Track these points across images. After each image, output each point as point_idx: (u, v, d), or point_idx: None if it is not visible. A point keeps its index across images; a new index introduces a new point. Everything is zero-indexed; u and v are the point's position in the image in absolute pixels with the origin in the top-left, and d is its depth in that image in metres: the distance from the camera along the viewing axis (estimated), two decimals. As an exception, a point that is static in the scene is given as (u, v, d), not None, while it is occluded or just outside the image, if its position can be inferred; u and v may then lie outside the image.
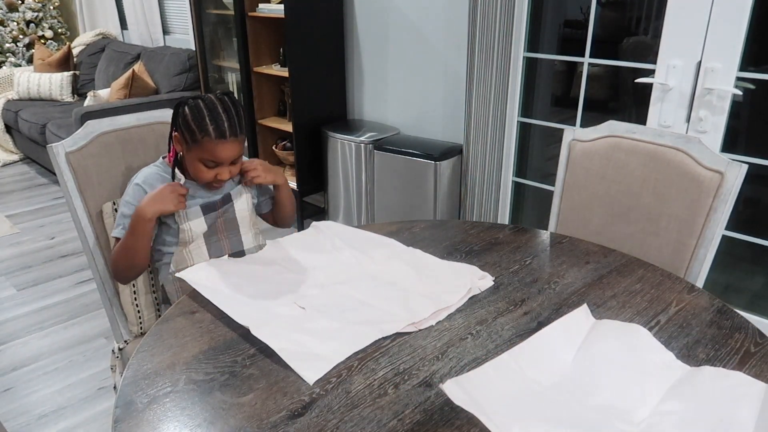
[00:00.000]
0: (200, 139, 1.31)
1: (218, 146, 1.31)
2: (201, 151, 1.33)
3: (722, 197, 1.33)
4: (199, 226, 1.41)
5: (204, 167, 1.35)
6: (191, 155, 1.35)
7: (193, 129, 1.31)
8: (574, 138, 1.60)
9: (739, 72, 1.85)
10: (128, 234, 1.35)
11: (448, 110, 2.75)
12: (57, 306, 2.58)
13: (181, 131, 1.35)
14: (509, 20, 2.25)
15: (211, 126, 1.30)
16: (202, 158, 1.34)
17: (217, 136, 1.30)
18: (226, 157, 1.34)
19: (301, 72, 2.91)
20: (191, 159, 1.36)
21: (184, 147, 1.36)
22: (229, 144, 1.32)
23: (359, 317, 1.09)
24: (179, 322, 1.10)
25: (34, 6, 5.05)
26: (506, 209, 2.65)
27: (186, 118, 1.32)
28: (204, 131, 1.30)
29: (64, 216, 3.51)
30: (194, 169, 1.36)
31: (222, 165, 1.35)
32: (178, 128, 1.36)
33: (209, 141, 1.31)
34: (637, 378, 0.93)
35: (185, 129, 1.33)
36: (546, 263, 1.33)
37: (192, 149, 1.34)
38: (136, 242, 1.35)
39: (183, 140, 1.35)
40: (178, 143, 1.38)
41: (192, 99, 1.34)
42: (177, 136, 1.37)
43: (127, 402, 0.89)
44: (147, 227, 1.33)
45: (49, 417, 1.94)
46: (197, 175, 1.37)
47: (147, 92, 3.85)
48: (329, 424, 0.85)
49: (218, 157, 1.33)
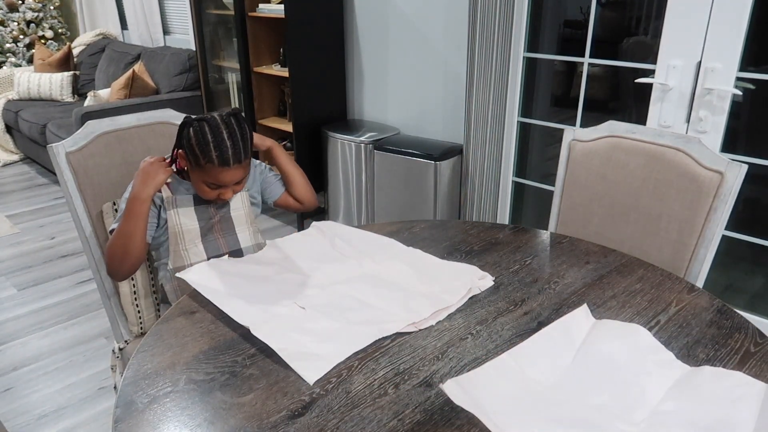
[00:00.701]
0: (203, 165, 1.29)
1: (221, 173, 1.30)
2: (204, 175, 1.32)
3: (722, 197, 1.34)
4: (188, 214, 1.40)
5: (207, 188, 1.35)
6: (195, 176, 1.35)
7: (197, 154, 1.29)
8: (574, 138, 1.60)
9: (739, 72, 1.85)
10: (124, 219, 1.32)
11: (448, 110, 2.76)
12: (57, 306, 2.58)
13: (186, 152, 1.33)
14: (509, 20, 2.25)
15: (215, 153, 1.27)
16: (206, 181, 1.33)
17: (220, 164, 1.28)
18: (230, 181, 1.34)
19: (301, 72, 2.91)
20: (195, 179, 1.36)
21: (188, 166, 1.36)
22: (232, 170, 1.31)
23: (359, 317, 1.09)
24: (179, 322, 1.10)
25: (35, 6, 5.05)
26: (506, 209, 2.66)
27: (190, 142, 1.29)
28: (207, 158, 1.28)
29: (64, 216, 3.51)
30: (198, 187, 1.37)
31: (226, 187, 1.35)
32: (182, 147, 1.34)
33: (212, 167, 1.29)
34: (637, 378, 0.93)
35: (189, 152, 1.31)
36: (546, 263, 1.33)
37: (195, 171, 1.34)
38: (132, 225, 1.31)
39: (187, 161, 1.35)
40: (183, 160, 1.37)
41: (197, 121, 1.30)
42: (182, 153, 1.36)
43: (128, 402, 0.89)
44: (143, 208, 1.32)
45: (49, 417, 1.94)
46: (200, 193, 1.37)
47: (147, 92, 3.85)
48: (329, 424, 0.85)
49: (221, 181, 1.33)
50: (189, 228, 1.41)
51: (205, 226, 1.43)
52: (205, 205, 1.42)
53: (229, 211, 1.46)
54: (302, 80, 2.93)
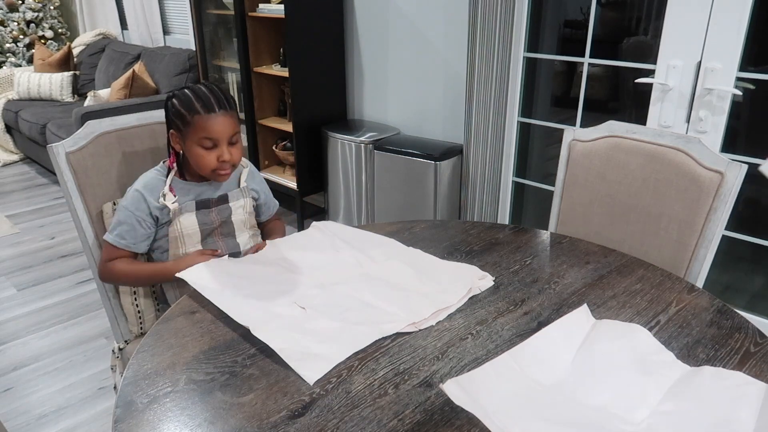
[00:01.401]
0: (191, 120, 1.33)
1: (210, 120, 1.33)
2: (195, 131, 1.34)
3: (722, 197, 1.33)
4: (189, 219, 1.40)
5: (203, 150, 1.35)
6: (189, 143, 1.36)
7: (183, 113, 1.34)
8: (574, 138, 1.60)
9: (739, 72, 1.85)
10: (146, 276, 1.42)
11: (448, 110, 2.76)
12: (57, 306, 2.58)
13: (174, 124, 1.37)
14: (509, 20, 2.25)
15: (198, 104, 1.34)
16: (199, 139, 1.34)
17: (206, 111, 1.33)
18: (220, 131, 1.34)
19: (301, 72, 2.91)
20: (190, 147, 1.36)
21: (181, 140, 1.38)
22: (220, 117, 1.34)
23: (359, 317, 1.09)
24: (179, 322, 1.10)
25: (35, 6, 5.05)
26: (506, 209, 2.66)
27: (175, 107, 1.35)
28: (193, 110, 1.33)
29: (64, 216, 3.51)
30: (195, 158, 1.36)
31: (220, 144, 1.35)
32: (172, 124, 1.38)
33: (200, 118, 1.33)
34: (637, 378, 0.93)
35: (176, 118, 1.36)
36: (546, 263, 1.33)
37: (188, 135, 1.35)
38: (147, 282, 1.48)
39: (178, 132, 1.37)
40: (177, 142, 1.39)
41: (177, 90, 1.39)
42: (173, 133, 1.38)
43: (128, 402, 0.89)
44: (168, 279, 1.40)
45: (49, 417, 1.94)
46: (200, 164, 1.37)
47: (147, 92, 3.85)
48: (329, 424, 0.85)
49: (212, 131, 1.34)
50: (190, 232, 1.41)
51: (206, 230, 1.43)
52: (206, 209, 1.42)
53: (230, 216, 1.46)
54: (302, 80, 2.93)
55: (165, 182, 1.40)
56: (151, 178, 1.41)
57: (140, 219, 1.37)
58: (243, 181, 1.49)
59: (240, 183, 1.49)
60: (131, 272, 1.40)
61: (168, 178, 1.40)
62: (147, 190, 1.38)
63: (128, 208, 1.37)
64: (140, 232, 1.38)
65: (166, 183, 1.39)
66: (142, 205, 1.37)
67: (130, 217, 1.37)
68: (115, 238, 1.38)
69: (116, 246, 1.38)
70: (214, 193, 1.44)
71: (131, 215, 1.36)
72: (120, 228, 1.37)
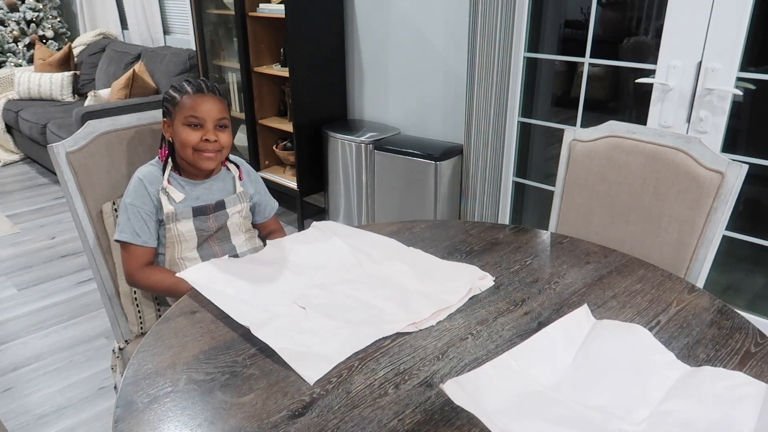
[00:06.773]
0: (180, 100, 1.37)
1: (197, 100, 1.36)
2: (182, 110, 1.37)
3: (723, 197, 1.33)
4: (187, 226, 1.40)
5: (188, 129, 1.37)
6: (176, 124, 1.38)
7: (174, 95, 1.38)
8: (574, 138, 1.60)
9: (740, 72, 1.85)
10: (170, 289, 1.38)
11: (448, 110, 2.75)
12: (57, 306, 2.58)
13: (165, 109, 1.41)
14: (509, 20, 2.25)
15: (188, 86, 1.39)
16: (185, 118, 1.37)
17: (194, 92, 1.37)
18: (207, 111, 1.37)
19: (301, 72, 2.91)
20: (177, 128, 1.38)
21: (171, 124, 1.40)
22: (208, 99, 1.37)
23: (359, 317, 1.09)
24: (180, 322, 1.10)
25: (35, 6, 5.05)
26: (506, 209, 2.65)
27: (168, 93, 1.40)
28: (183, 91, 1.38)
29: (64, 216, 3.51)
30: (180, 136, 1.38)
31: (205, 125, 1.37)
32: (164, 112, 1.42)
33: (188, 97, 1.37)
34: (638, 378, 0.93)
35: (168, 102, 1.40)
36: (546, 263, 1.33)
37: (176, 117, 1.38)
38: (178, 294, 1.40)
39: (168, 117, 1.40)
40: (167, 129, 1.41)
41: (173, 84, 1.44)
42: (165, 121, 1.42)
43: (128, 402, 0.89)
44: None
45: (49, 417, 1.94)
46: (183, 141, 1.38)
47: (147, 92, 3.85)
48: (329, 424, 0.85)
49: (198, 110, 1.36)
50: (187, 238, 1.41)
51: (203, 236, 1.43)
52: (204, 216, 1.42)
53: (226, 220, 1.46)
54: (302, 80, 2.93)
55: (162, 176, 1.40)
56: (149, 171, 1.42)
57: (148, 213, 1.39)
58: (239, 187, 1.50)
59: (236, 189, 1.49)
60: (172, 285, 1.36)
61: (166, 172, 1.41)
62: (147, 181, 1.39)
63: (134, 203, 1.37)
64: (151, 225, 1.40)
65: (164, 177, 1.40)
66: (145, 198, 1.38)
67: (138, 213, 1.37)
68: (132, 236, 1.37)
69: (136, 244, 1.38)
70: (211, 199, 1.44)
71: (138, 211, 1.37)
72: (132, 225, 1.37)
